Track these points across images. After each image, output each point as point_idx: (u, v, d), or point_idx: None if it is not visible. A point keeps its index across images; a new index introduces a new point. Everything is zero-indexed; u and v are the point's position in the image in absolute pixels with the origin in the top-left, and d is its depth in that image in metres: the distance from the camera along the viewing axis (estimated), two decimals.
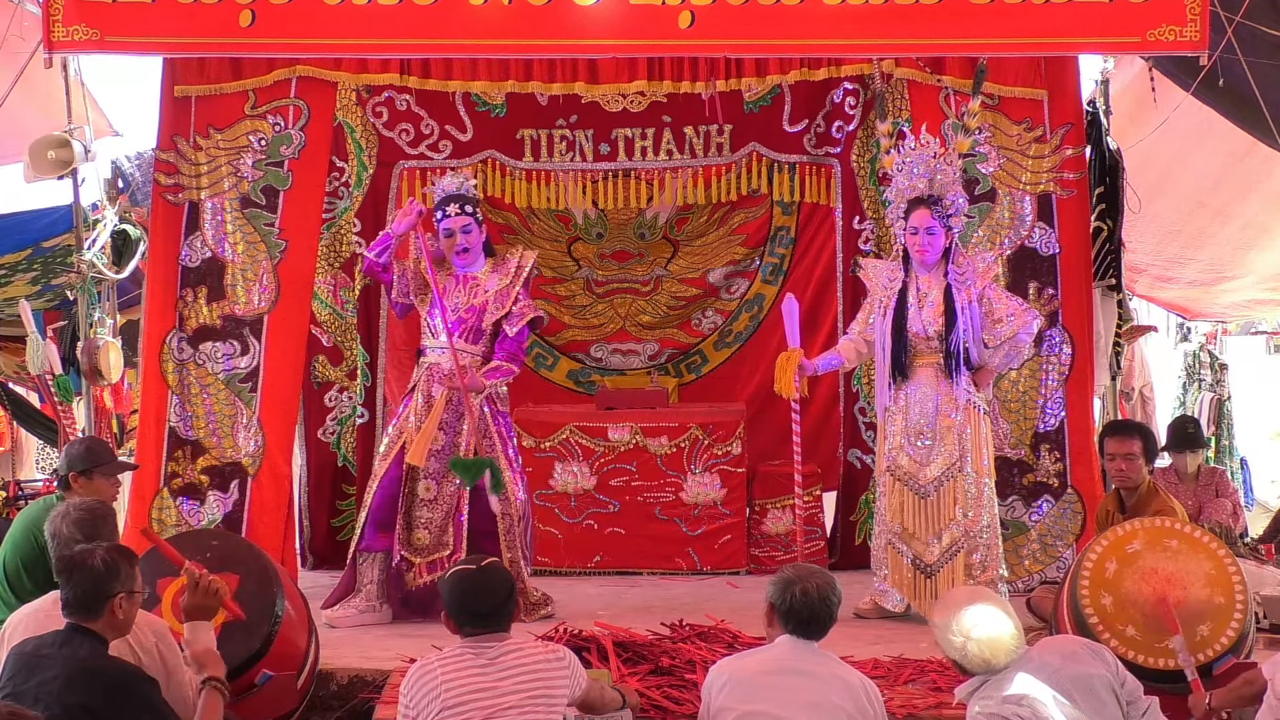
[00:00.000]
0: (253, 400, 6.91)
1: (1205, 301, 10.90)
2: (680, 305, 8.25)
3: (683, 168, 7.88)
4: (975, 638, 3.93)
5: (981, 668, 3.95)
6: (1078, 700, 3.85)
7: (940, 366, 6.18)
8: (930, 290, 6.21)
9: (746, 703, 3.87)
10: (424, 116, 7.77)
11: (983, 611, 3.97)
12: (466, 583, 3.99)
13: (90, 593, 3.85)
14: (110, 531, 4.56)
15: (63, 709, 3.72)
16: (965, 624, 3.95)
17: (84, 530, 4.44)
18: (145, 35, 6.41)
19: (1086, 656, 3.99)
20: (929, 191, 6.16)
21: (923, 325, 6.17)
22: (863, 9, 6.34)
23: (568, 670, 3.98)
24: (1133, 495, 5.89)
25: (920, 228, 6.14)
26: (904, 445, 6.23)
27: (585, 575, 7.42)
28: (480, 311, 6.39)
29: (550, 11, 6.30)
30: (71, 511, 4.54)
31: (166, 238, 6.94)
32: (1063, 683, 3.87)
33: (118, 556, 3.93)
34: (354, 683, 5.35)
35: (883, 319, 6.27)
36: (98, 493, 5.29)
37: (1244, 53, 6.45)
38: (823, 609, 3.97)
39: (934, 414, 6.18)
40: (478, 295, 6.40)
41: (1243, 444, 11.72)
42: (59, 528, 4.50)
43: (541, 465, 7.48)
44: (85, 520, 4.50)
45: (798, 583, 3.98)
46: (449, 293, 6.40)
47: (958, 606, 4.02)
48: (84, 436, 6.13)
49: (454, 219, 6.39)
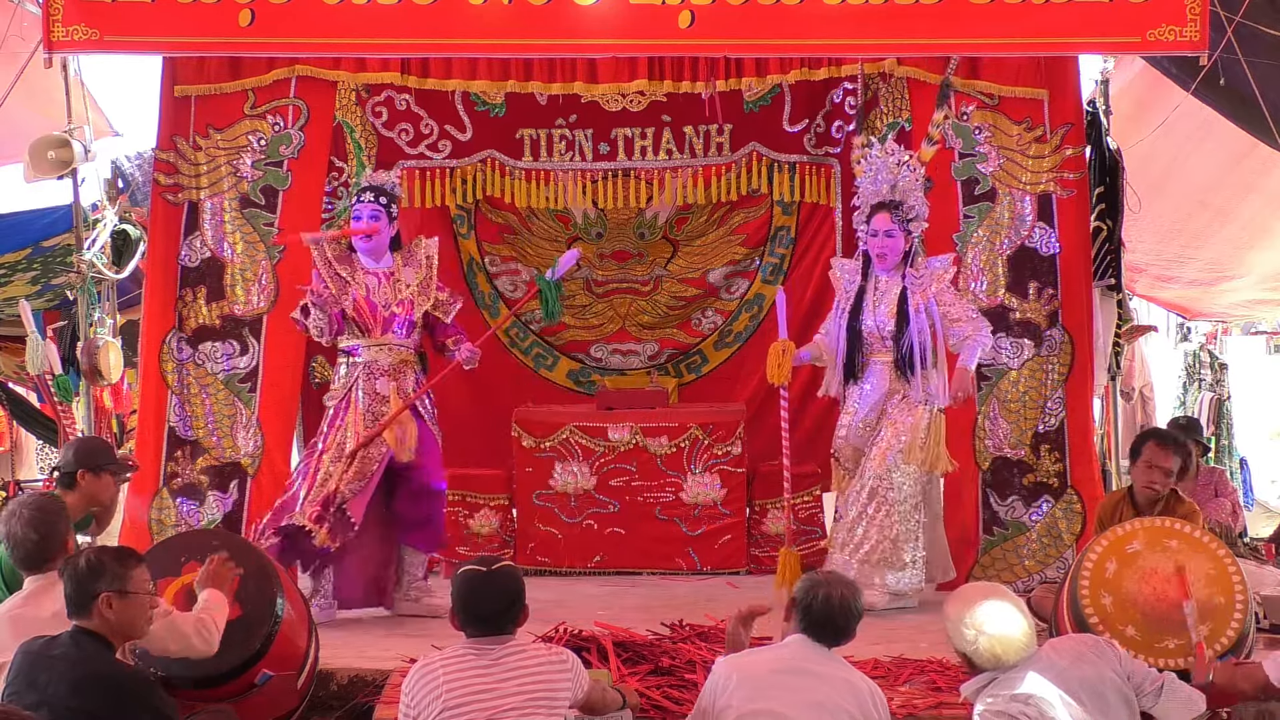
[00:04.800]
0: (252, 400, 6.92)
1: (1205, 301, 10.91)
2: (680, 305, 8.25)
3: (683, 167, 7.88)
4: (987, 633, 3.93)
5: (991, 664, 3.94)
6: (1085, 703, 3.84)
7: (893, 365, 6.37)
8: (888, 291, 6.40)
9: (752, 701, 3.86)
10: (424, 116, 7.78)
11: (996, 607, 3.98)
12: (473, 584, 3.97)
13: (76, 592, 3.86)
14: (66, 526, 4.47)
15: (67, 711, 3.72)
16: (978, 619, 3.96)
17: (39, 530, 4.35)
18: (145, 35, 6.42)
19: (1093, 657, 3.98)
20: (890, 197, 6.37)
21: (877, 324, 6.38)
22: (863, 9, 6.35)
23: (570, 672, 3.97)
24: (1153, 507, 5.76)
25: (880, 230, 6.37)
26: (849, 436, 6.49)
27: (585, 575, 7.42)
28: (410, 306, 6.41)
29: (550, 11, 6.30)
30: (22, 511, 4.42)
31: (166, 238, 6.94)
32: (1071, 684, 3.86)
33: (107, 557, 3.92)
34: (354, 683, 5.34)
35: (840, 316, 6.48)
36: (103, 491, 5.23)
37: (1244, 52, 6.45)
38: (842, 618, 3.97)
39: (884, 410, 6.40)
40: (402, 290, 6.42)
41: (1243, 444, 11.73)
42: (12, 529, 4.39)
43: (541, 465, 7.48)
44: (38, 519, 4.38)
45: (825, 586, 3.99)
46: (374, 290, 6.38)
47: (972, 601, 4.03)
48: (89, 436, 6.12)
49: (364, 205, 6.39)
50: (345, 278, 6.36)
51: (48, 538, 4.34)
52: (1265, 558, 6.90)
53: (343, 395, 6.37)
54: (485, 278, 8.19)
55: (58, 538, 4.38)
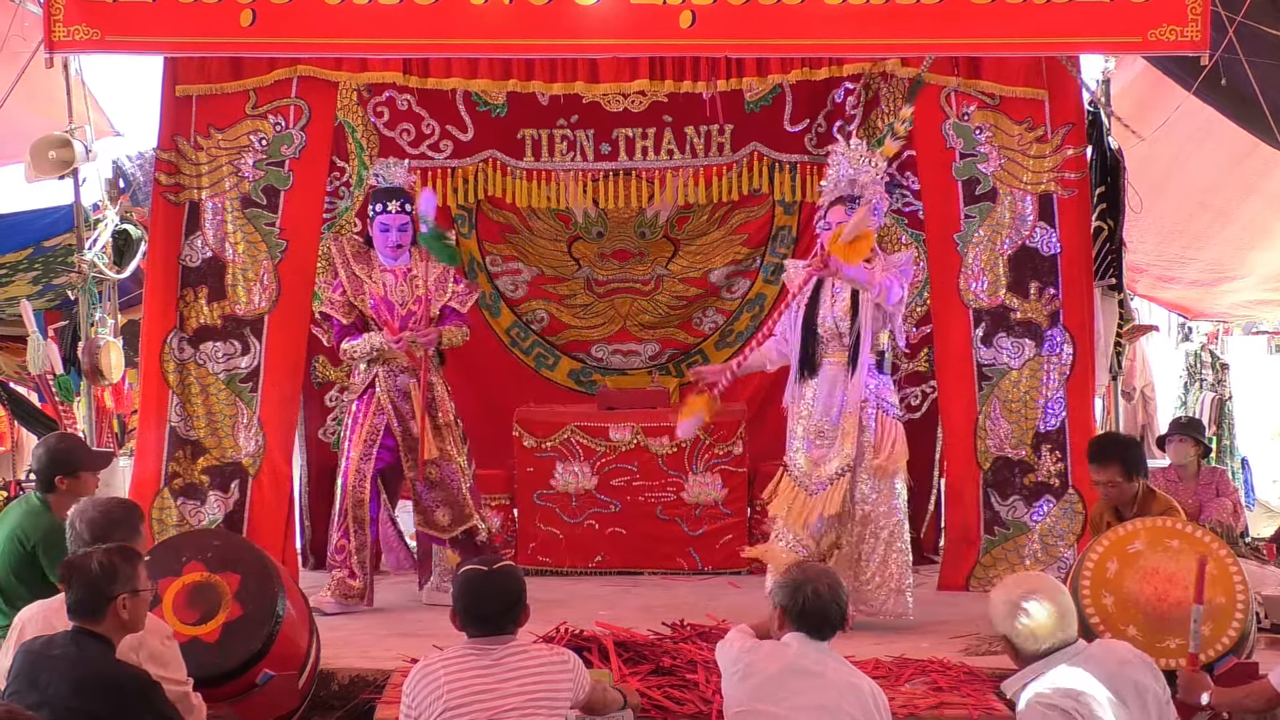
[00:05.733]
0: (253, 400, 6.92)
1: (1206, 302, 10.90)
2: (681, 305, 8.25)
3: (684, 167, 7.88)
4: (1029, 609, 3.86)
5: (1030, 643, 3.88)
6: (1130, 706, 3.80)
7: (846, 365, 6.14)
8: (844, 287, 6.18)
9: (755, 700, 3.86)
10: (425, 116, 7.77)
11: (1041, 585, 3.96)
12: (475, 584, 3.96)
13: (91, 596, 3.85)
14: (124, 536, 4.35)
15: (68, 712, 3.72)
16: (1020, 595, 3.91)
17: (94, 532, 4.35)
18: (146, 35, 6.40)
19: (1141, 667, 3.94)
20: (849, 191, 6.20)
21: (833, 320, 6.16)
22: (863, 9, 6.33)
23: (572, 673, 3.96)
24: (1130, 507, 5.77)
25: (834, 223, 6.14)
26: (803, 447, 6.21)
27: (586, 575, 7.42)
28: (426, 302, 6.62)
29: (551, 11, 6.29)
30: (89, 510, 4.45)
31: (167, 237, 6.94)
32: (1119, 686, 3.81)
33: (117, 558, 3.92)
34: (355, 683, 5.35)
35: (796, 312, 6.27)
36: (84, 489, 5.20)
37: (1245, 52, 6.44)
38: (835, 608, 3.95)
39: (837, 413, 6.15)
40: (419, 286, 6.62)
41: (1244, 444, 11.72)
42: (73, 521, 4.43)
43: (543, 465, 7.48)
44: (98, 522, 4.39)
45: (808, 584, 3.96)
46: (392, 289, 6.59)
47: (1017, 584, 4.00)
48: (56, 436, 6.03)
49: (393, 216, 6.59)
50: (362, 277, 6.58)
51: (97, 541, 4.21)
52: (1266, 558, 6.90)
53: (363, 390, 6.60)
54: (486, 277, 8.19)
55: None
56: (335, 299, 6.64)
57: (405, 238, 6.60)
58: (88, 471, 5.31)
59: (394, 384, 6.60)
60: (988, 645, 5.65)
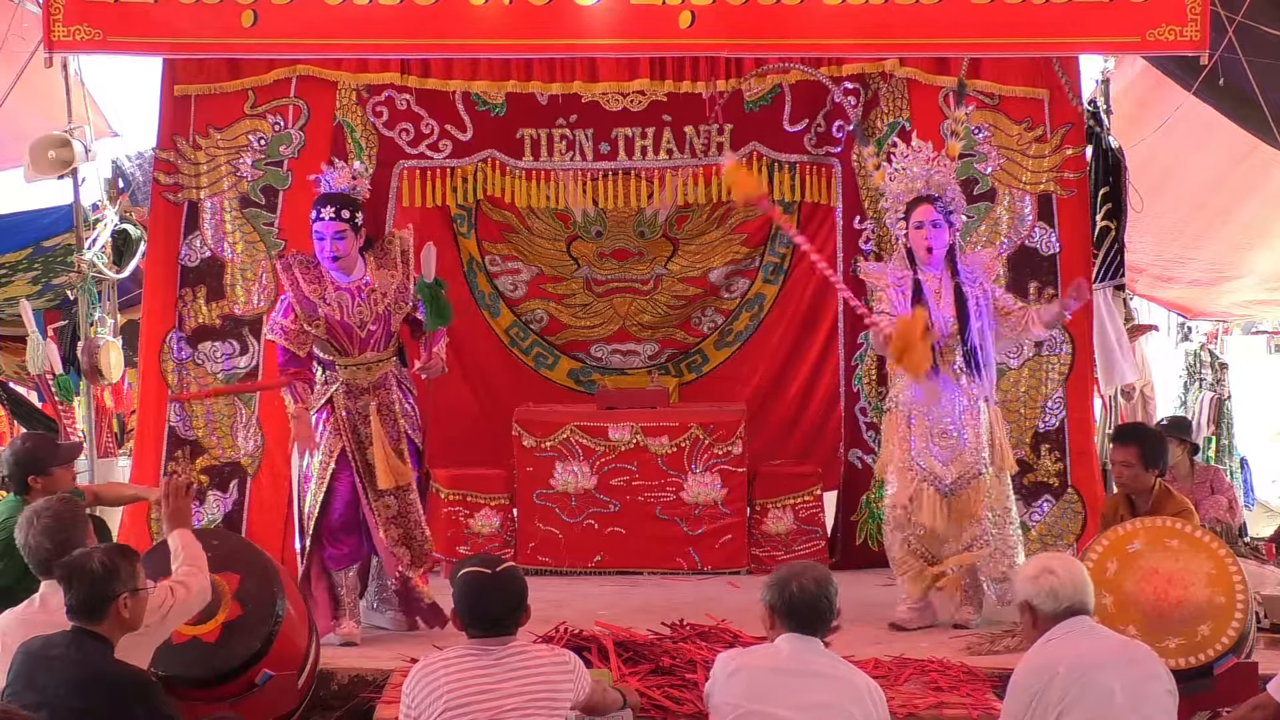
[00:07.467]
0: (252, 400, 6.92)
1: (1206, 301, 10.89)
2: (680, 304, 8.24)
3: (683, 167, 7.87)
4: (1053, 568, 4.00)
5: (1049, 602, 3.95)
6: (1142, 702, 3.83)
7: (957, 365, 6.06)
8: (940, 289, 6.11)
9: (752, 701, 3.85)
10: (424, 116, 7.76)
11: (1065, 558, 4.21)
12: (477, 586, 3.95)
13: (92, 596, 3.85)
14: (81, 534, 4.41)
15: (68, 712, 3.72)
16: (1044, 560, 4.12)
17: (54, 538, 4.32)
18: (146, 35, 6.41)
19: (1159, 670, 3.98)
20: (927, 190, 6.12)
21: (943, 322, 6.05)
22: (863, 9, 6.34)
23: (572, 673, 3.96)
24: (1145, 499, 5.78)
25: (925, 221, 6.05)
26: (927, 446, 6.09)
27: (586, 575, 7.41)
28: (386, 318, 6.01)
29: (550, 11, 6.30)
30: (37, 520, 4.39)
31: (166, 237, 6.95)
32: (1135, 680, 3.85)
33: (116, 557, 3.93)
34: (354, 682, 5.35)
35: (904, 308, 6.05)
36: (60, 484, 5.21)
37: (1245, 52, 6.45)
38: (823, 602, 3.94)
39: (957, 413, 6.05)
40: (378, 303, 5.98)
41: (1243, 444, 11.71)
42: (28, 538, 4.38)
43: (542, 465, 7.48)
44: (53, 528, 4.36)
45: (793, 580, 3.94)
46: (349, 310, 5.94)
47: (1043, 557, 4.22)
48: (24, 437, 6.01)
49: (327, 224, 5.89)
50: (315, 300, 5.92)
51: (63, 545, 4.28)
52: (1266, 557, 6.90)
53: (322, 405, 6.02)
54: (485, 277, 8.19)
55: (73, 545, 4.28)
56: (287, 326, 5.92)
57: (343, 247, 5.87)
58: (58, 466, 5.31)
59: (354, 405, 6.00)
60: (988, 645, 5.66)
